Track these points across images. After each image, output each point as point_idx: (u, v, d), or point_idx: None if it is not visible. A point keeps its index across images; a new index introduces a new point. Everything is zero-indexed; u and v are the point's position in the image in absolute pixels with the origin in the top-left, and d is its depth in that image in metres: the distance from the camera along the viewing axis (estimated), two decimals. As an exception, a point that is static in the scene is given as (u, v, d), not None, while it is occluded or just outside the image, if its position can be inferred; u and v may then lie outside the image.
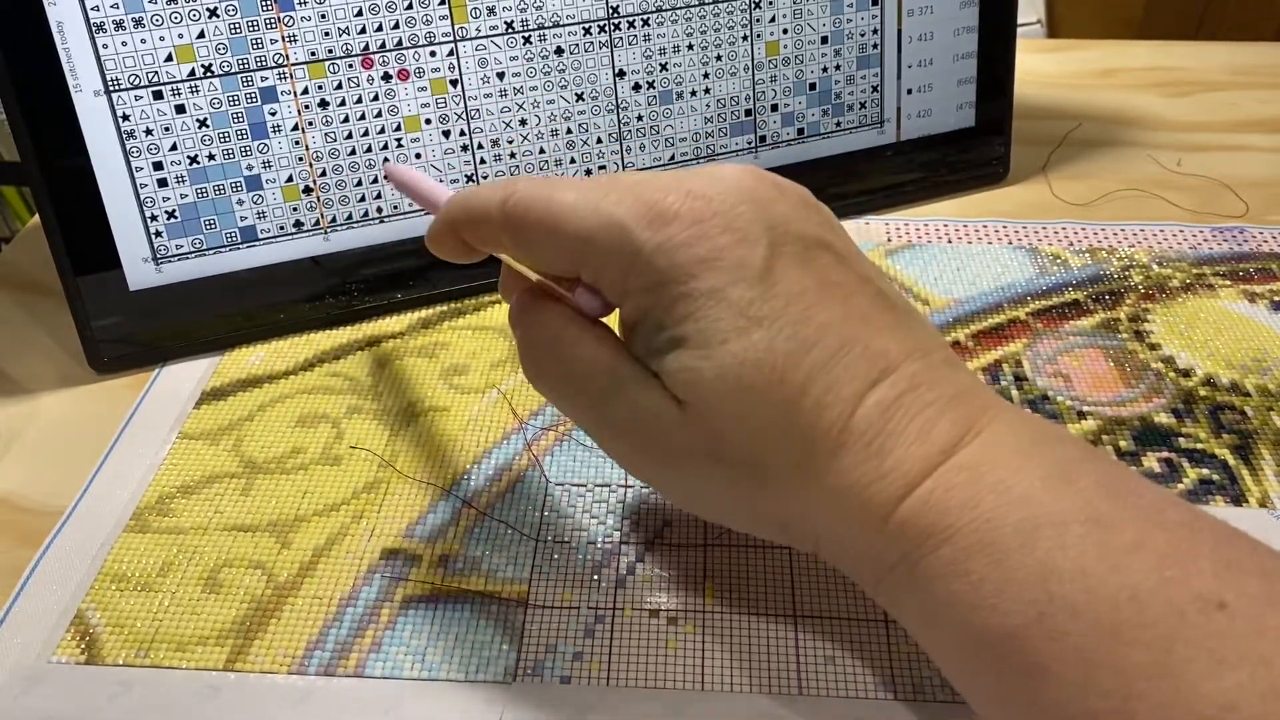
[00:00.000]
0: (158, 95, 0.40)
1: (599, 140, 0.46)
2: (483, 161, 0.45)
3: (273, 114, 0.41)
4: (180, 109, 0.40)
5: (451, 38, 0.43)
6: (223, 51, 0.40)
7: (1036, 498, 0.24)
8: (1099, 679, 0.21)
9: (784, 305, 0.26)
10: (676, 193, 0.26)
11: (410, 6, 0.42)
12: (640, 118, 0.46)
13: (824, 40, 0.47)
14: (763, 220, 0.26)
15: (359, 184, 0.43)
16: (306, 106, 0.42)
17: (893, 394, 0.25)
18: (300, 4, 0.41)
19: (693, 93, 0.46)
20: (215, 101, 0.41)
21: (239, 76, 0.41)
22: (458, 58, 0.43)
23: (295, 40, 0.41)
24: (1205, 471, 0.36)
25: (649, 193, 0.26)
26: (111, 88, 0.39)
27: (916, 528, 0.24)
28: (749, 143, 0.48)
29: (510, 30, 0.43)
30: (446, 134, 0.44)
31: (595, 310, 0.29)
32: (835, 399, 0.25)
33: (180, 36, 0.40)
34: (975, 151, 0.51)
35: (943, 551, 0.24)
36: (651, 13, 0.45)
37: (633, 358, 0.28)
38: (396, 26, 0.42)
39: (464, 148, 0.44)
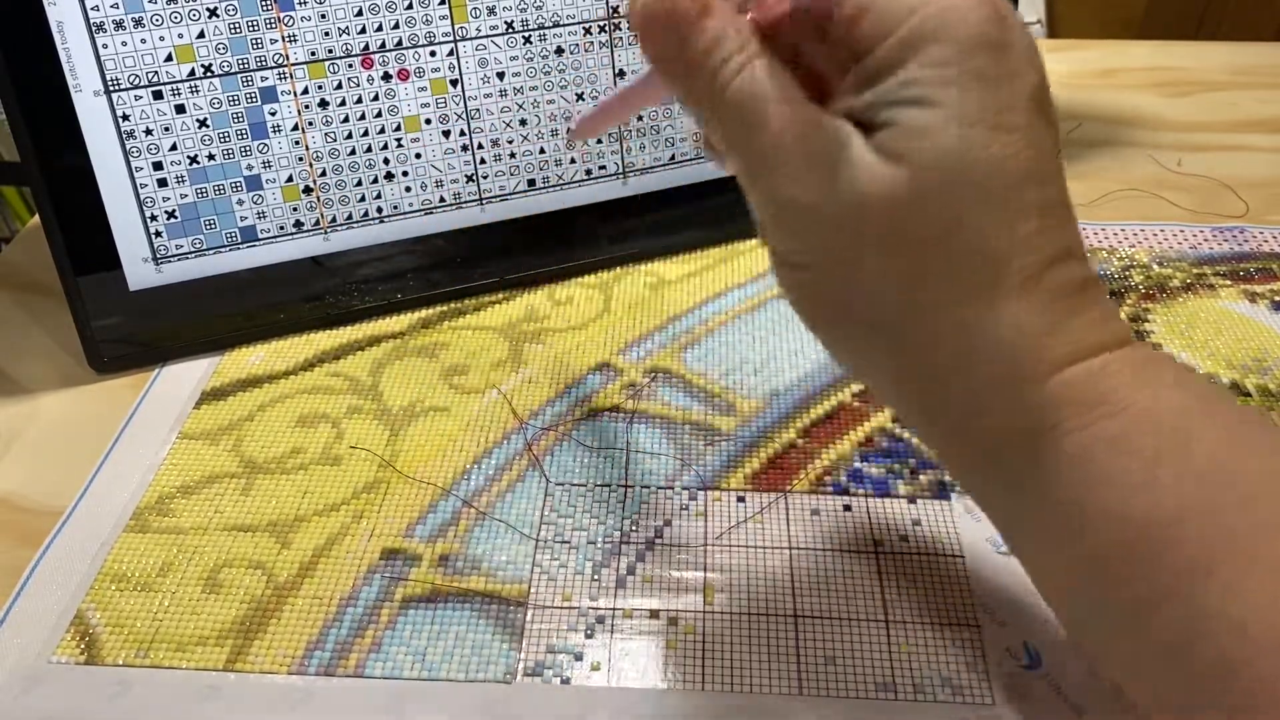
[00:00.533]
0: (158, 95, 0.40)
1: (599, 140, 0.46)
2: (483, 161, 0.45)
3: (273, 114, 0.41)
4: (180, 109, 0.40)
5: (451, 38, 0.43)
6: (223, 51, 0.40)
7: (1215, 397, 0.23)
8: (1260, 576, 0.21)
9: (1035, 135, 0.24)
10: None
11: (410, 6, 0.42)
12: (640, 118, 0.46)
13: (824, 40, 0.47)
14: (1037, 61, 0.25)
15: (359, 184, 0.43)
16: (306, 106, 0.42)
17: (1080, 274, 0.24)
18: (300, 4, 0.40)
19: (693, 93, 0.46)
20: (215, 101, 0.41)
21: (239, 76, 0.41)
22: (458, 58, 0.43)
23: (295, 40, 0.41)
24: (1206, 471, 0.36)
25: None
26: (111, 88, 0.39)
27: (1083, 395, 0.23)
28: (749, 143, 0.48)
29: (510, 30, 0.43)
30: (446, 134, 0.44)
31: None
32: (1039, 244, 0.24)
33: (180, 36, 0.39)
34: (975, 151, 0.51)
35: (1110, 424, 0.23)
36: (651, 13, 0.45)
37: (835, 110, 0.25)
38: (396, 26, 0.42)
39: (464, 148, 0.44)
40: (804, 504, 0.35)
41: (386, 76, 0.42)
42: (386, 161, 0.43)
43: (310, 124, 0.42)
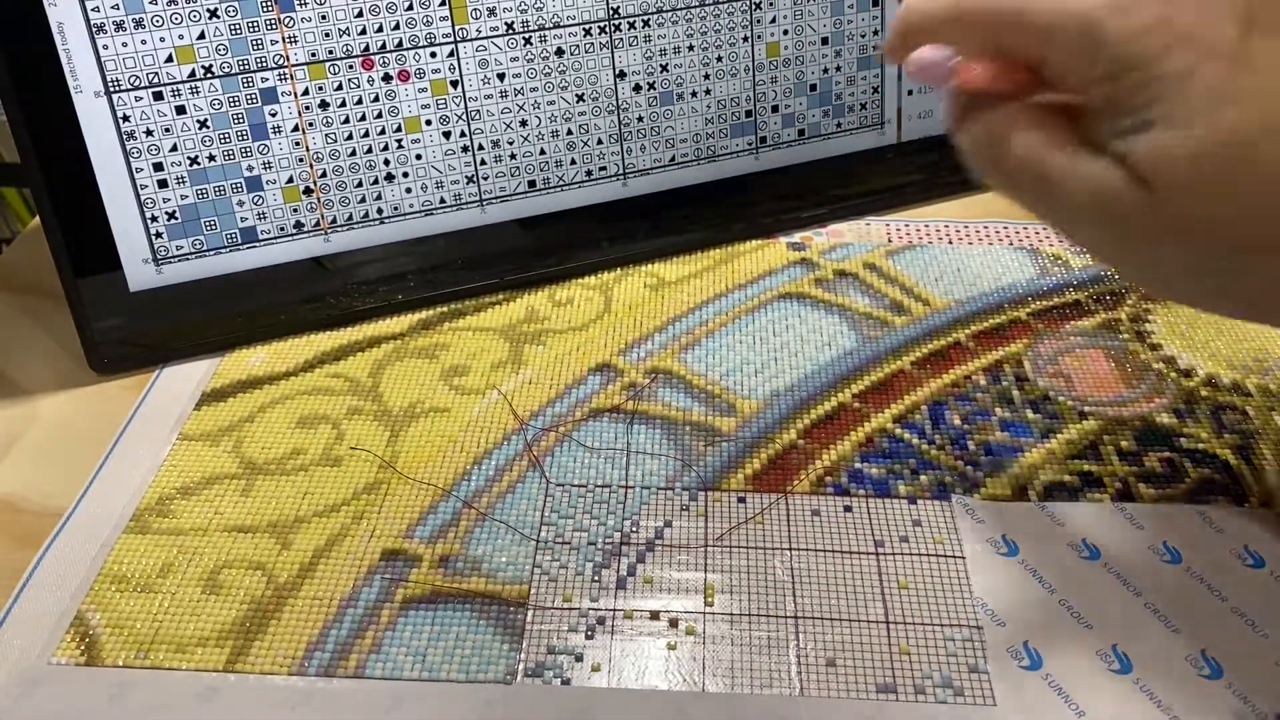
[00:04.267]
0: (158, 96, 0.40)
1: (599, 141, 0.46)
2: (483, 163, 0.45)
3: (273, 115, 0.41)
4: (181, 110, 0.40)
5: (452, 39, 0.43)
6: (223, 52, 0.40)
7: None
8: None
9: (1259, 81, 0.25)
10: None
11: (411, 7, 0.42)
12: (641, 119, 0.46)
13: (824, 41, 0.47)
14: None
15: (359, 185, 0.43)
16: (307, 107, 0.42)
17: None
18: (300, 5, 0.41)
19: (693, 94, 0.46)
20: (216, 102, 0.41)
21: (239, 77, 0.41)
22: (458, 59, 0.43)
23: (296, 41, 0.41)
24: (1207, 472, 0.36)
25: None
26: (112, 88, 0.39)
27: None
28: (750, 144, 0.48)
29: (511, 31, 0.43)
30: (447, 135, 0.44)
31: (983, 78, 0.29)
32: None
33: (180, 37, 0.40)
34: (976, 152, 0.51)
35: None
36: (652, 14, 0.45)
37: (1087, 143, 0.27)
38: (397, 27, 0.42)
39: (464, 149, 0.44)
40: (804, 505, 0.35)
41: (387, 78, 0.42)
42: (387, 163, 0.43)
43: (311, 125, 0.42)
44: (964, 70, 0.29)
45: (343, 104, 0.42)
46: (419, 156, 0.44)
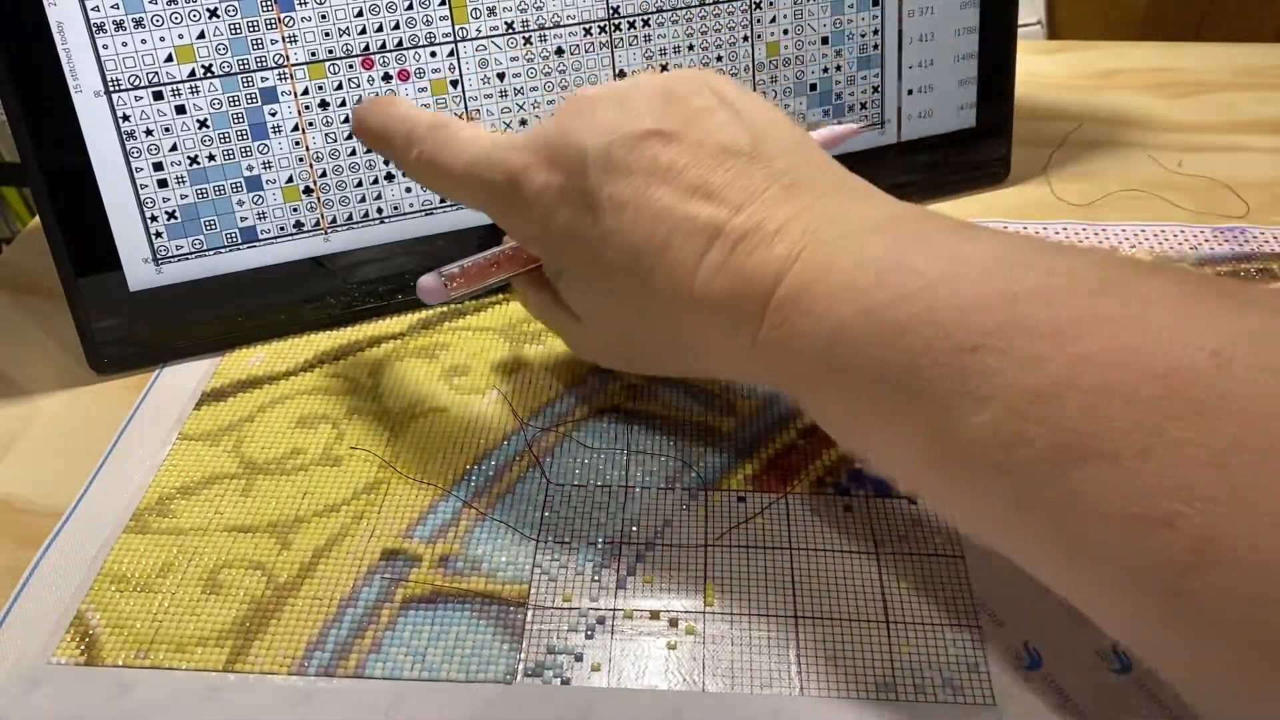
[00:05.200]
0: (158, 96, 0.40)
1: (599, 141, 0.46)
2: (483, 162, 0.44)
3: (273, 114, 0.41)
4: (180, 109, 0.40)
5: (452, 38, 0.43)
6: (223, 52, 0.40)
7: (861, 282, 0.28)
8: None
9: (613, 223, 0.31)
10: (526, 152, 0.33)
11: (410, 7, 0.42)
12: (640, 118, 0.46)
13: (824, 41, 0.47)
14: (578, 153, 0.31)
15: (359, 184, 0.43)
16: (307, 107, 0.42)
17: (720, 256, 0.30)
18: (300, 4, 0.41)
19: (693, 93, 0.46)
20: (215, 102, 0.41)
21: (239, 77, 0.41)
22: (458, 58, 0.43)
23: (295, 41, 0.41)
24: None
25: (516, 157, 0.33)
26: (112, 88, 0.39)
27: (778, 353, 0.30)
28: (749, 143, 0.48)
29: (511, 31, 0.43)
30: (447, 134, 0.44)
31: (434, 294, 0.36)
32: (679, 277, 0.30)
33: (180, 37, 0.39)
34: (976, 152, 0.51)
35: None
36: (652, 13, 0.45)
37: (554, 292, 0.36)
38: (397, 27, 0.42)
39: (464, 148, 0.44)
40: (804, 504, 0.35)
41: (387, 77, 0.42)
42: (387, 162, 0.43)
43: (310, 124, 0.42)
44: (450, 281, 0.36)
45: (343, 103, 0.42)
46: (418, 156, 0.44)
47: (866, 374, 0.27)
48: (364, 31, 0.42)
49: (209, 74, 0.40)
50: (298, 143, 0.42)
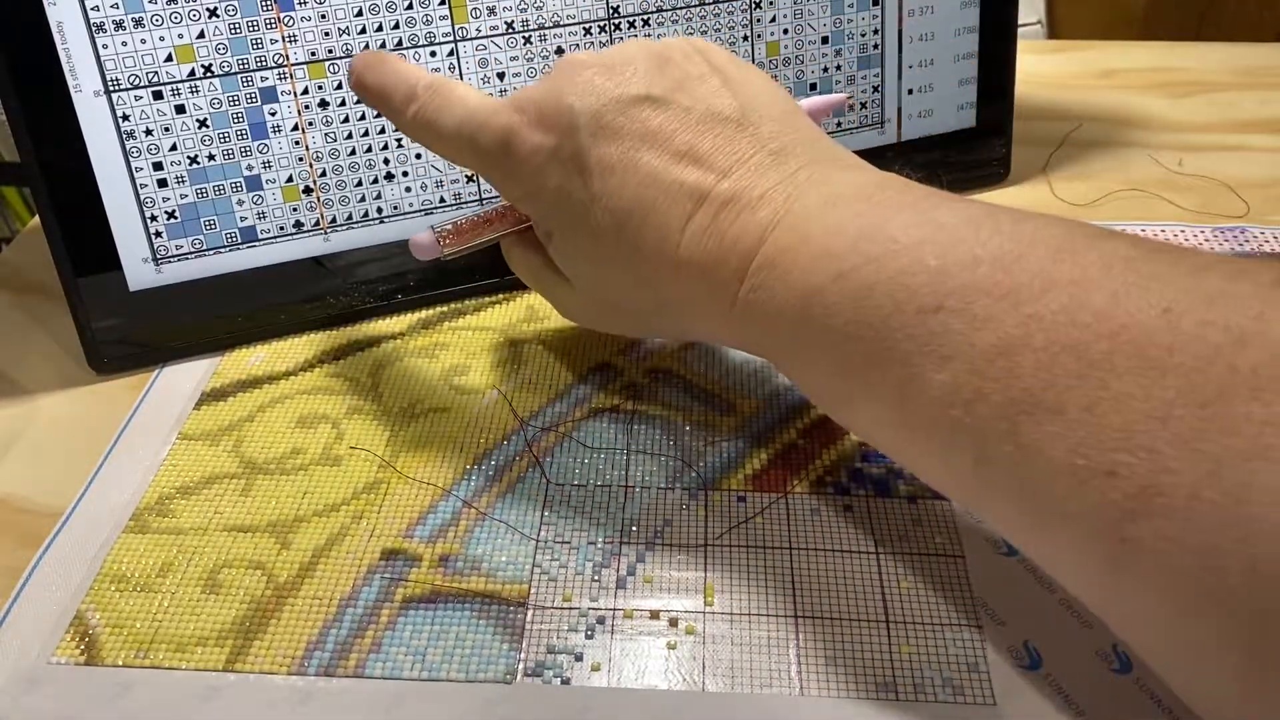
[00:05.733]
0: (158, 95, 0.40)
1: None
2: (483, 162, 0.44)
3: (273, 114, 0.41)
4: (180, 109, 0.40)
5: (452, 38, 0.43)
6: (223, 51, 0.40)
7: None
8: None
9: (601, 186, 0.31)
10: (520, 114, 0.33)
11: (410, 6, 0.42)
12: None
13: (824, 40, 0.47)
14: (569, 116, 0.32)
15: (359, 184, 0.43)
16: (306, 107, 0.42)
17: (705, 220, 0.30)
18: (300, 4, 0.40)
19: (693, 93, 0.46)
20: (215, 102, 0.41)
21: (239, 77, 0.41)
22: (458, 58, 0.43)
23: (295, 40, 0.41)
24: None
25: (510, 120, 0.33)
26: (111, 88, 0.39)
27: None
28: (749, 143, 0.48)
29: (510, 30, 0.43)
30: (447, 134, 0.44)
31: (427, 250, 0.37)
32: (664, 240, 0.31)
33: (180, 36, 0.39)
34: (976, 152, 0.51)
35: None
36: (652, 13, 0.45)
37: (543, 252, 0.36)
38: (396, 26, 0.42)
39: (464, 148, 0.44)
40: (804, 504, 0.35)
41: (386, 77, 0.42)
42: (387, 162, 0.43)
43: (310, 124, 0.42)
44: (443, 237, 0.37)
45: (342, 103, 0.42)
46: (419, 155, 0.44)
47: (840, 336, 0.27)
48: (364, 31, 0.42)
49: (209, 74, 0.40)
50: (297, 142, 0.42)
